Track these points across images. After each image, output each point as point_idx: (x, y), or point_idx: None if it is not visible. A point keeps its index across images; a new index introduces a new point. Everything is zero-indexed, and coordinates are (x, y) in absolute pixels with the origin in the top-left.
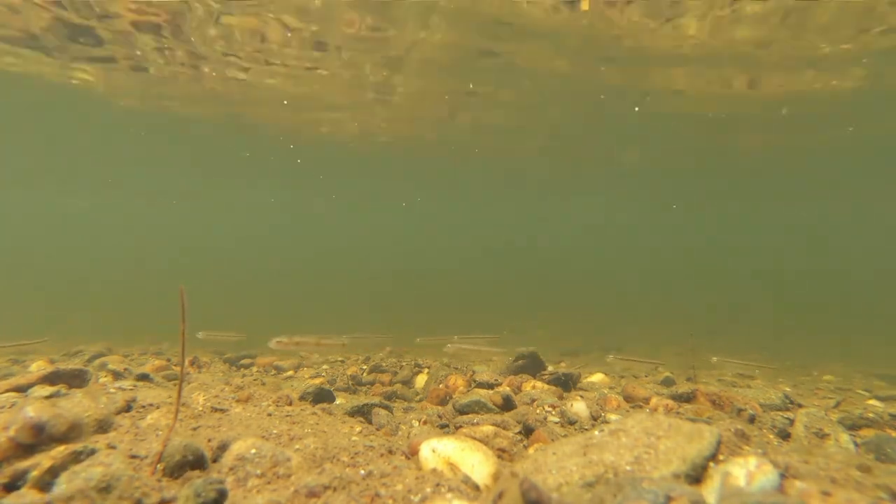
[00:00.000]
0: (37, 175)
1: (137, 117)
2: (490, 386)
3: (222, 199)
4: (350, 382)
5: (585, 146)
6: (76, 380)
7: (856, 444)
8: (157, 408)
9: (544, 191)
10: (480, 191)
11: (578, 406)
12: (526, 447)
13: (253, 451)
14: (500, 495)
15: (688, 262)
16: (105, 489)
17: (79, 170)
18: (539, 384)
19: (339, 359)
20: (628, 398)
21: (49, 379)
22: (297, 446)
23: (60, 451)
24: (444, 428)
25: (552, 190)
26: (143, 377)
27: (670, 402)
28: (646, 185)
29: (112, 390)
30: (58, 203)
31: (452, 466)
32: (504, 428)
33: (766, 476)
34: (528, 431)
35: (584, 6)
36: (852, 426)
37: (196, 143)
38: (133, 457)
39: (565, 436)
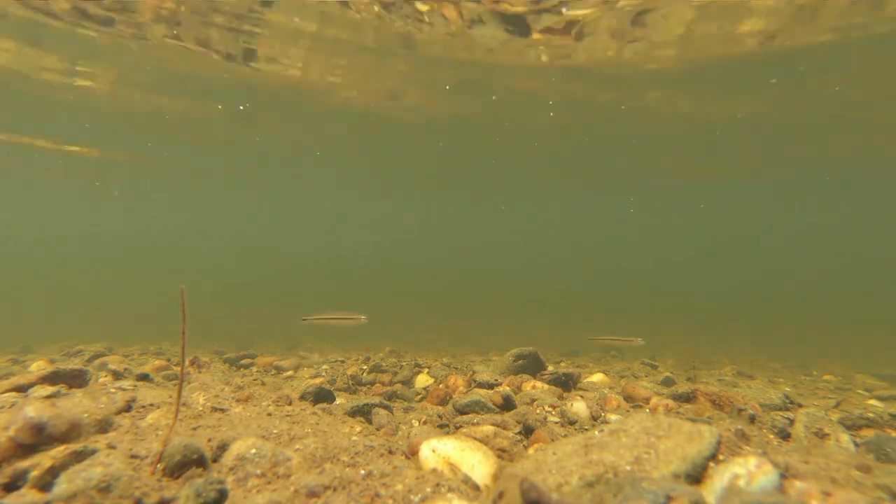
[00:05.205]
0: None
1: None
2: (490, 386)
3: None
4: (350, 382)
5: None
6: (76, 380)
7: (856, 444)
8: (158, 408)
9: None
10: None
11: (578, 406)
12: (526, 447)
13: (253, 450)
14: (500, 495)
15: (685, 260)
16: (105, 489)
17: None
18: (539, 384)
19: (339, 359)
20: (628, 398)
21: (49, 379)
22: (297, 446)
23: (60, 450)
24: (444, 428)
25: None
26: (144, 377)
27: (670, 402)
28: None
29: (112, 390)
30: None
31: (452, 466)
32: (504, 428)
33: (766, 476)
34: (528, 431)
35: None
36: (852, 426)
37: None
38: (133, 457)
39: (565, 436)
